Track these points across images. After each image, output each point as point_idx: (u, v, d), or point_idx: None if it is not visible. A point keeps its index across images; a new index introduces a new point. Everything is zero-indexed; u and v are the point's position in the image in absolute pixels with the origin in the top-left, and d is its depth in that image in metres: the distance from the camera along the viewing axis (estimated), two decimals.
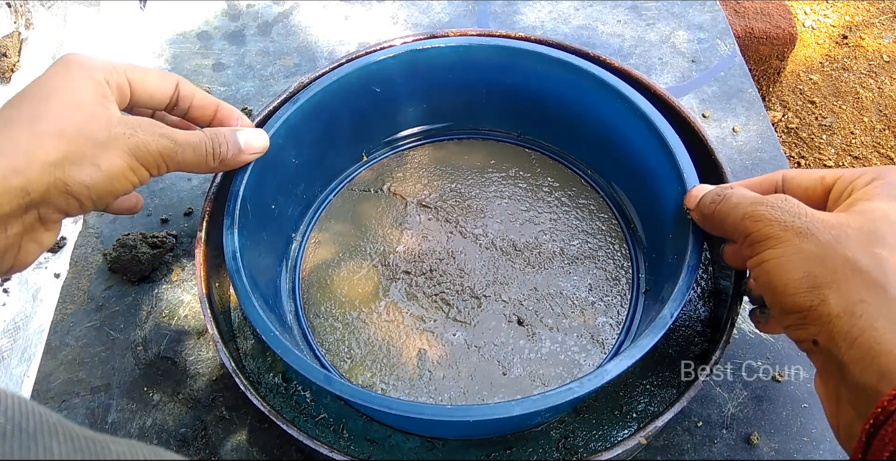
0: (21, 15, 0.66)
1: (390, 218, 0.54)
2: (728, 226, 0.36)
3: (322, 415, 0.46)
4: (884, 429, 0.26)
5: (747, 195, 0.35)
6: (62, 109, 0.35)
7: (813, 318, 0.30)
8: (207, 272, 0.45)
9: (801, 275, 0.30)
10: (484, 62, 0.52)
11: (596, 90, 0.49)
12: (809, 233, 0.31)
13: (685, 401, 0.39)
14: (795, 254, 0.31)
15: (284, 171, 0.49)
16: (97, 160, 0.35)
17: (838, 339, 0.29)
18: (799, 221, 0.31)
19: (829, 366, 0.30)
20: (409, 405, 0.36)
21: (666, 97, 0.50)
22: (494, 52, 0.51)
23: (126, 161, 0.36)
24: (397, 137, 0.58)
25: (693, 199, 0.41)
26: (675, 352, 0.48)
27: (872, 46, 1.36)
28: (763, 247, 0.32)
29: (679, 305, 0.38)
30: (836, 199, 0.35)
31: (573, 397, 0.35)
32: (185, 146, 0.39)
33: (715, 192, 0.38)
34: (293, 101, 0.47)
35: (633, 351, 0.37)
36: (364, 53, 0.51)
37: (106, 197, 0.37)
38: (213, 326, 0.42)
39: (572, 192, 0.55)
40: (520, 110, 0.56)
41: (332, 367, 0.47)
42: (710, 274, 0.51)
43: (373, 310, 0.49)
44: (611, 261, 0.52)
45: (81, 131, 0.35)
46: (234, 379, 0.40)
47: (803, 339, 0.31)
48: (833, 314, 0.29)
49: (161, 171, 0.39)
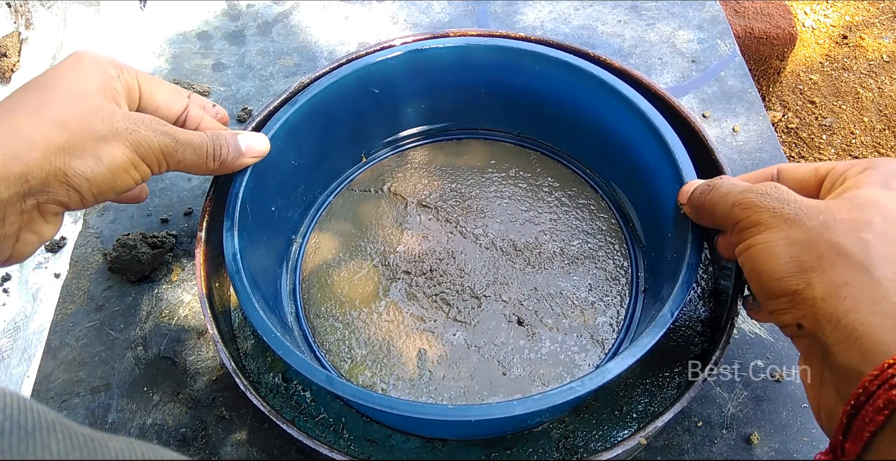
0: (21, 15, 0.66)
1: (390, 218, 0.54)
2: (718, 214, 0.36)
3: (322, 416, 0.46)
4: (864, 410, 0.26)
5: (737, 184, 0.35)
6: (66, 100, 0.35)
7: (798, 302, 0.30)
8: (208, 272, 0.45)
9: (787, 259, 0.31)
10: (483, 62, 0.52)
11: (595, 90, 0.49)
12: (797, 220, 0.31)
13: (685, 400, 0.39)
14: (783, 239, 0.31)
15: (284, 173, 0.49)
16: (98, 153, 0.35)
17: (823, 322, 0.29)
18: (788, 208, 0.32)
19: (813, 349, 0.30)
20: (410, 405, 0.36)
21: (666, 97, 0.50)
22: (493, 52, 0.51)
23: (127, 156, 0.36)
24: (397, 138, 0.58)
25: (685, 193, 0.41)
26: (675, 352, 0.48)
27: (872, 46, 1.36)
28: (751, 234, 0.33)
29: (680, 304, 0.38)
30: (828, 189, 0.35)
31: (574, 396, 0.35)
32: (186, 146, 0.39)
33: (705, 183, 0.38)
34: (292, 103, 0.47)
35: (634, 350, 0.37)
36: (363, 54, 0.51)
37: (107, 192, 0.37)
38: (213, 326, 0.42)
39: (572, 192, 0.55)
40: (519, 110, 0.56)
41: (333, 368, 0.47)
42: (710, 274, 0.51)
43: (373, 311, 0.49)
44: (610, 260, 0.52)
45: (83, 123, 0.35)
46: (235, 379, 0.40)
47: (788, 324, 0.31)
48: (818, 297, 0.29)
49: (161, 169, 0.39)
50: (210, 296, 0.45)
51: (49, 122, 0.34)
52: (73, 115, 0.35)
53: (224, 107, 0.65)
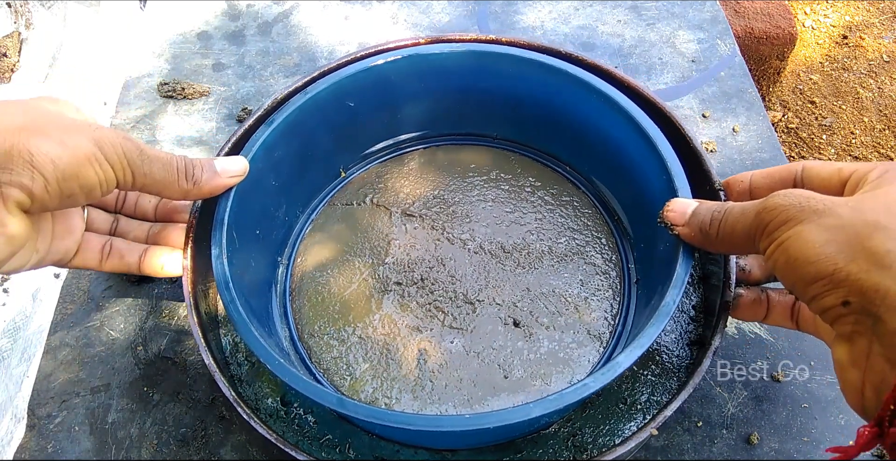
0: (21, 15, 0.66)
1: (376, 230, 0.54)
2: (740, 232, 0.35)
3: (327, 437, 0.46)
4: None
5: (751, 201, 0.35)
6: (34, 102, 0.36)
7: (839, 280, 0.30)
8: (195, 296, 0.44)
9: (822, 242, 0.30)
10: (455, 68, 0.51)
11: (571, 87, 0.49)
12: (827, 209, 0.31)
13: (691, 387, 0.39)
14: (816, 226, 0.31)
15: (265, 194, 0.48)
16: (62, 138, 0.34)
17: (870, 294, 0.29)
18: (814, 201, 0.32)
19: (860, 323, 0.30)
20: (426, 419, 0.35)
21: (631, 84, 0.50)
22: (464, 57, 0.50)
23: (91, 148, 0.35)
24: (374, 150, 0.57)
25: (680, 215, 0.40)
26: (671, 339, 0.48)
27: (872, 46, 1.36)
28: (781, 231, 0.32)
29: (680, 291, 0.38)
30: (851, 190, 0.35)
31: (589, 393, 0.35)
32: (154, 160, 0.38)
33: (714, 209, 0.38)
34: (268, 123, 0.46)
35: (641, 340, 0.37)
36: (335, 66, 0.50)
37: (72, 182, 0.34)
38: (208, 355, 0.41)
39: (555, 191, 0.55)
40: (495, 113, 0.55)
41: (333, 386, 0.47)
42: (697, 259, 0.51)
43: (368, 325, 0.49)
44: (599, 255, 0.52)
45: (47, 114, 0.35)
46: (237, 408, 0.39)
47: (831, 306, 0.31)
48: (862, 270, 0.29)
49: (126, 179, 0.37)
50: (202, 323, 0.44)
51: (11, 108, 0.34)
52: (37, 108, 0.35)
53: (224, 107, 0.65)
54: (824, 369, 0.49)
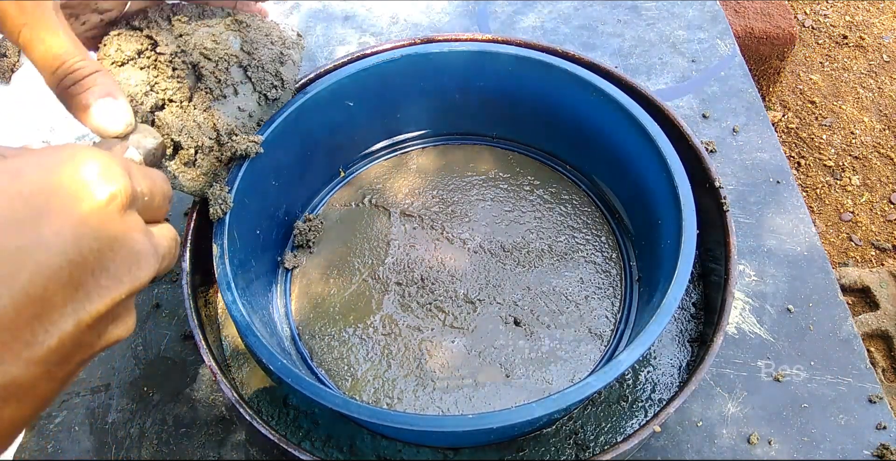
0: None
1: (375, 231, 0.54)
2: None
3: (329, 437, 0.46)
4: None
5: None
6: None
7: None
8: (196, 299, 0.44)
9: None
10: (453, 67, 0.51)
11: (568, 84, 0.49)
12: None
13: (694, 384, 0.39)
14: None
15: (266, 195, 0.48)
16: None
17: None
18: None
19: None
20: (429, 420, 0.36)
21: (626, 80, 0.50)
22: (463, 56, 0.50)
23: None
24: (373, 149, 0.57)
25: None
26: (671, 337, 0.48)
27: (872, 46, 1.36)
28: None
29: (682, 289, 0.38)
30: None
31: (591, 391, 0.35)
32: None
33: None
34: (268, 123, 0.46)
35: (643, 339, 0.37)
36: (334, 66, 0.50)
37: None
38: (209, 358, 0.41)
39: (554, 189, 0.55)
40: (494, 112, 0.55)
41: (335, 387, 0.47)
42: (697, 257, 0.51)
43: (368, 326, 0.49)
44: (599, 253, 0.52)
45: None
46: (240, 410, 0.39)
47: None
48: None
49: None
50: (202, 323, 0.44)
51: None
52: None
53: None
54: (824, 369, 0.49)
